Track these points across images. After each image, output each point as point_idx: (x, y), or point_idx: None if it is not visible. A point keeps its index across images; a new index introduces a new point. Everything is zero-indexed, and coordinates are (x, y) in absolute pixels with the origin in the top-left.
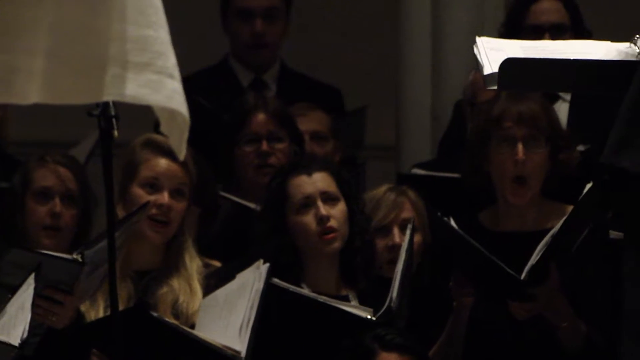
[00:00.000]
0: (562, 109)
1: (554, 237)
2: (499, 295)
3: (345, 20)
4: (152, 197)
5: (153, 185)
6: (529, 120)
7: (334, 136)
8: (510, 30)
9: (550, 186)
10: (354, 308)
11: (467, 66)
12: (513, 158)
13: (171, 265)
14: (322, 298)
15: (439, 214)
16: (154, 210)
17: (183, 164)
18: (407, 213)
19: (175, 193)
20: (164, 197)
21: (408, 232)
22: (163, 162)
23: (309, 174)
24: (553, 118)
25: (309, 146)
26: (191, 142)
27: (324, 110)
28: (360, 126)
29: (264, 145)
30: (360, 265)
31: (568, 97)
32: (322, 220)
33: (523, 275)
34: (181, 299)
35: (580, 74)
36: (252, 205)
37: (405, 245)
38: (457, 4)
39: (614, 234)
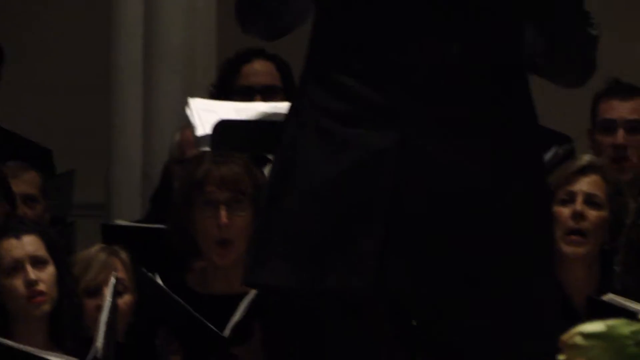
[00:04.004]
0: None
1: (257, 294)
2: (203, 353)
3: (56, 78)
4: None
5: None
6: (232, 183)
7: (44, 196)
8: (221, 91)
9: None
10: (59, 358)
11: (179, 126)
12: (216, 222)
13: None
14: (27, 348)
15: (143, 269)
16: None
17: None
18: (118, 274)
19: None
20: None
21: (111, 284)
22: None
23: (18, 237)
24: (257, 180)
25: (20, 209)
26: None
27: (35, 170)
28: (68, 189)
29: None
30: (69, 327)
31: None
32: (30, 284)
33: (226, 332)
34: None
35: None
36: None
37: (108, 297)
38: (167, 63)
39: None
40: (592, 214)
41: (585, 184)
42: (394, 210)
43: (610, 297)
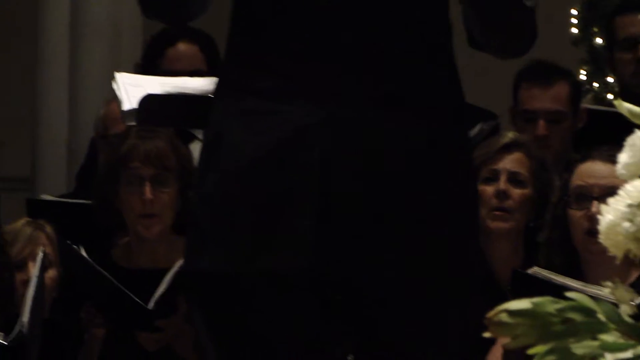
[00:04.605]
0: (197, 149)
1: (181, 267)
2: (128, 326)
3: None
4: None
5: None
6: (156, 159)
7: None
8: (146, 73)
9: (181, 223)
10: None
11: (105, 100)
12: (141, 197)
13: None
14: None
15: (68, 242)
16: None
17: None
18: (44, 247)
19: None
20: None
21: (39, 258)
22: None
23: None
24: (182, 156)
25: None
26: None
27: None
28: None
29: None
30: None
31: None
32: None
33: (150, 305)
34: None
35: None
36: None
37: (35, 272)
38: (94, 39)
39: None
40: (516, 192)
41: (508, 162)
42: (326, 186)
43: (535, 270)
